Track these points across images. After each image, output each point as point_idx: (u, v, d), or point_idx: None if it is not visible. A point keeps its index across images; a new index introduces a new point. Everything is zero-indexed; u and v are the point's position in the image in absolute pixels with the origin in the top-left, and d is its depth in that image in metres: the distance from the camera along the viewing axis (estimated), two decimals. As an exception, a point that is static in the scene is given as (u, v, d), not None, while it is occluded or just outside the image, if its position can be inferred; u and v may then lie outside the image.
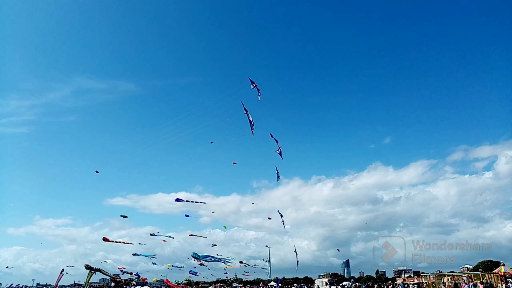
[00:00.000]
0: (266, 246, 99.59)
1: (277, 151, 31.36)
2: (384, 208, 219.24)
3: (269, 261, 74.78)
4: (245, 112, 28.99)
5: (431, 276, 41.53)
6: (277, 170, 34.90)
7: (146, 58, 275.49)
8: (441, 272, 45.44)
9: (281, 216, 59.38)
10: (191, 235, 72.71)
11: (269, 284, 69.68)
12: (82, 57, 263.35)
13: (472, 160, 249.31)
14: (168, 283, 76.19)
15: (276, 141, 31.09)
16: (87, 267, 61.21)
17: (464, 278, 37.02)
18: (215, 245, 64.87)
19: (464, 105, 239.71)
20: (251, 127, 29.42)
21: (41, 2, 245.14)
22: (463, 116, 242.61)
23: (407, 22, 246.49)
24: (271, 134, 31.43)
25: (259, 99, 28.87)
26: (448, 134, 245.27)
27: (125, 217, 66.62)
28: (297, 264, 56.24)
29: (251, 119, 29.20)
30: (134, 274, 71.94)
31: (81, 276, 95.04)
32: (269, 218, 66.13)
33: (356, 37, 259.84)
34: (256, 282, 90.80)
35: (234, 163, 64.73)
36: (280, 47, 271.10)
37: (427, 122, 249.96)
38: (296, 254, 56.46)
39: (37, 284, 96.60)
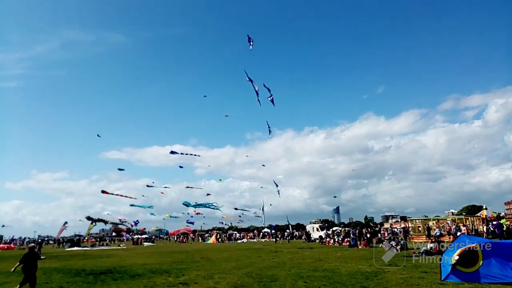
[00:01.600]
0: (262, 187, 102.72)
1: (269, 98, 31.15)
2: (375, 157, 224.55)
3: (263, 209, 77.81)
4: (248, 79, 28.83)
5: (417, 221, 43.62)
6: (268, 126, 35.32)
7: (135, 7, 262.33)
8: (427, 217, 47.80)
9: (277, 186, 61.90)
10: (187, 187, 74.75)
11: (262, 231, 72.96)
12: (69, 7, 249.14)
13: (463, 109, 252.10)
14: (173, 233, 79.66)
15: (269, 90, 30.75)
16: (88, 218, 62.91)
17: (448, 221, 38.92)
18: (210, 194, 66.82)
19: (457, 54, 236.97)
20: (257, 97, 29.52)
21: None
22: (456, 64, 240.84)
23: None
24: (264, 84, 30.97)
25: (250, 48, 28.32)
26: (440, 83, 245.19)
27: (122, 170, 67.65)
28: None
29: (256, 89, 29.05)
30: (133, 222, 74.49)
31: (81, 227, 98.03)
32: (263, 165, 68.70)
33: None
34: (251, 229, 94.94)
35: (226, 116, 66.80)
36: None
37: (420, 71, 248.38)
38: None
39: (39, 236, 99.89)
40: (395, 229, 39.38)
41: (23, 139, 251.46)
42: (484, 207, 48.80)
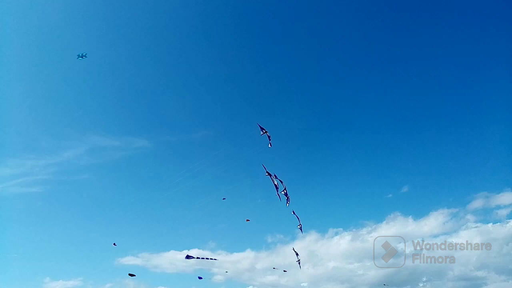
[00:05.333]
0: None
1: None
2: (406, 261, 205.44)
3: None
4: (267, 174, 28.11)
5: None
6: (299, 223, 34.95)
7: (159, 114, 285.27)
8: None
9: (297, 254, 56.55)
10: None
11: None
12: (96, 115, 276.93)
13: (494, 207, 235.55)
14: None
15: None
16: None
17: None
18: None
19: (483, 150, 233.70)
20: (277, 191, 29.16)
21: (52, 63, 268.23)
22: (482, 161, 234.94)
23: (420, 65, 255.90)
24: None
25: (269, 146, 27.98)
26: (466, 180, 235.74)
27: (133, 275, 63.84)
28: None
29: (275, 183, 28.69)
30: None
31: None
32: (284, 271, 62.20)
33: (368, 84, 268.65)
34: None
35: (248, 220, 60.84)
36: (292, 99, 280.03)
37: (445, 169, 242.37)
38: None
39: None
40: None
41: (40, 245, 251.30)
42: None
